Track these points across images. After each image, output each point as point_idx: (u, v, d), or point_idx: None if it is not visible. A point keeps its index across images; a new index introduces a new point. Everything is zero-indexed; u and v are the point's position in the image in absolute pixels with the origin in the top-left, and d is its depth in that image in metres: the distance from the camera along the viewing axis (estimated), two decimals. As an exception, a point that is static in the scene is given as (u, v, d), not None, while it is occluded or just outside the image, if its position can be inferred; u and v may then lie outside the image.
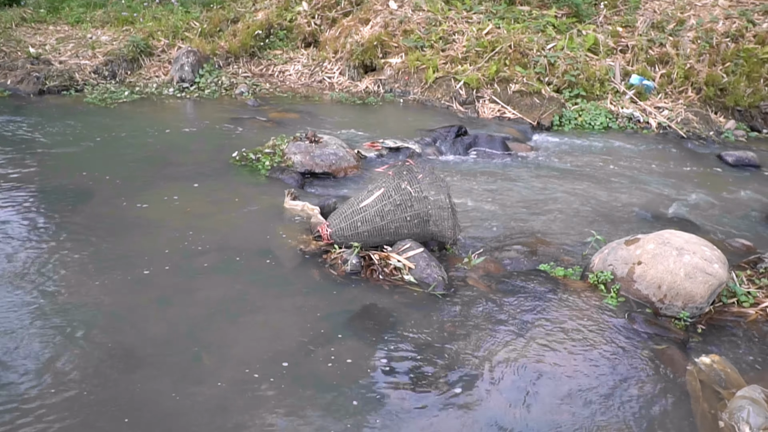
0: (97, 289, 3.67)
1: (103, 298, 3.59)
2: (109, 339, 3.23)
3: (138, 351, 3.17)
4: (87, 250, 4.11)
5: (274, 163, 5.99)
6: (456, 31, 9.25)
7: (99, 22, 11.43)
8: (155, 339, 3.26)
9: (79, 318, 3.38)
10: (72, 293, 3.62)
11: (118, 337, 3.25)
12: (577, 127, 7.88)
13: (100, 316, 3.41)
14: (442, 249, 4.46)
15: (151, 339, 3.26)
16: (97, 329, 3.30)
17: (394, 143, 6.93)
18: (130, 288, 3.70)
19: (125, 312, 3.47)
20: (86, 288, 3.68)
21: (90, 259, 4.00)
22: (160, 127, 7.12)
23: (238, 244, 4.31)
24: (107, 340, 3.22)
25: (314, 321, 3.50)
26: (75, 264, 3.94)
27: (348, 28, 10.30)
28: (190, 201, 5.03)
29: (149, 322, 3.40)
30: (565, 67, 8.31)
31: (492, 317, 3.62)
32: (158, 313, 3.49)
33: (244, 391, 2.92)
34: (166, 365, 3.06)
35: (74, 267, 3.90)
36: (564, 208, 5.42)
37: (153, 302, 3.58)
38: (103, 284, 3.73)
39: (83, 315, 3.41)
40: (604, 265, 4.01)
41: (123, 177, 5.45)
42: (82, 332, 3.27)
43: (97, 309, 3.49)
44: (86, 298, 3.57)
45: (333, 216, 4.30)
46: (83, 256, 4.04)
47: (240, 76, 10.03)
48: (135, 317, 3.43)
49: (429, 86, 8.81)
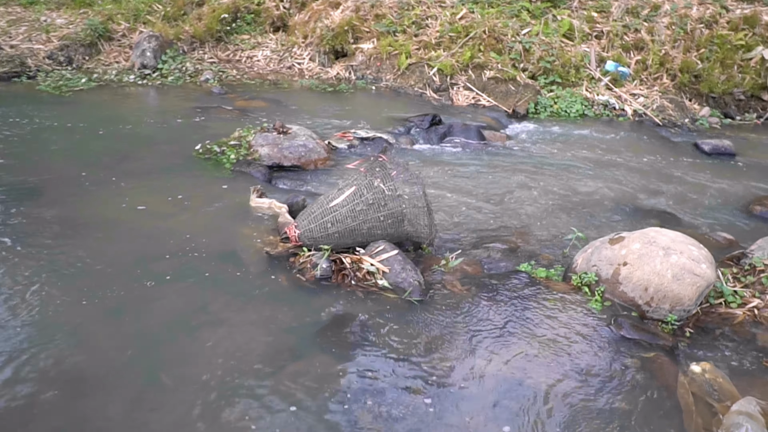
0: (41, 302, 3.35)
1: (48, 312, 3.27)
2: (54, 360, 2.93)
3: (88, 373, 2.88)
4: (31, 257, 3.78)
5: (240, 156, 5.68)
6: (429, 16, 8.98)
7: (54, 4, 10.87)
8: (107, 358, 2.97)
9: (20, 337, 3.07)
10: (12, 307, 3.30)
11: (64, 358, 2.95)
12: (553, 115, 7.70)
13: (44, 334, 3.11)
14: (418, 249, 4.23)
15: (103, 358, 2.97)
16: (40, 349, 3.00)
17: (367, 133, 6.67)
18: (79, 300, 3.39)
19: (73, 328, 3.17)
20: (29, 301, 3.36)
21: (34, 268, 3.66)
22: (118, 118, 6.73)
23: (200, 246, 4.02)
24: (52, 362, 2.92)
25: (281, 334, 3.24)
26: (16, 273, 3.60)
27: (318, 12, 9.95)
28: (148, 199, 4.70)
29: (100, 338, 3.11)
30: (540, 53, 8.10)
31: (471, 325, 3.40)
32: (111, 328, 3.19)
33: (203, 417, 2.66)
34: (120, 388, 2.78)
35: (15, 276, 3.57)
36: (542, 200, 5.24)
37: (105, 316, 3.28)
38: (49, 296, 3.41)
39: (25, 333, 3.10)
40: (587, 266, 3.83)
41: (75, 173, 5.09)
42: (23, 353, 2.96)
43: (41, 325, 3.18)
44: (28, 313, 3.26)
45: (301, 216, 4.03)
46: (26, 263, 3.71)
47: (206, 62, 9.63)
48: (84, 333, 3.14)
49: (402, 73, 8.54)
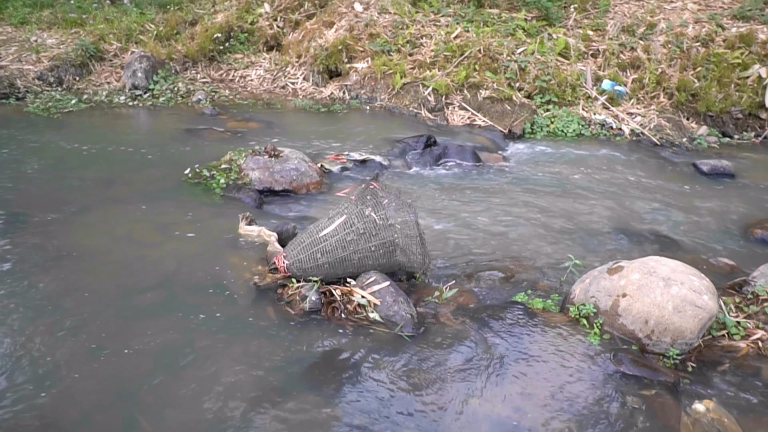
0: (16, 339, 3.21)
1: (23, 349, 3.14)
2: (26, 401, 2.79)
3: (62, 416, 2.74)
4: (8, 289, 3.64)
5: (230, 180, 5.57)
6: (424, 35, 8.91)
7: (45, 24, 10.78)
8: (84, 400, 2.83)
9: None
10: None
11: (38, 399, 2.81)
12: (550, 135, 7.61)
13: (17, 372, 2.97)
14: (411, 279, 4.11)
15: (79, 401, 2.83)
16: (12, 389, 2.86)
17: (360, 155, 6.56)
18: (57, 336, 3.25)
19: (49, 366, 3.03)
20: (2, 337, 3.22)
21: (11, 300, 3.53)
22: (106, 140, 6.62)
23: (186, 277, 3.89)
24: (24, 404, 2.78)
25: (267, 372, 3.11)
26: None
27: (312, 32, 9.88)
28: (133, 227, 4.58)
29: (77, 379, 2.96)
30: (536, 72, 8.03)
31: (465, 362, 3.27)
32: (89, 367, 3.05)
33: (183, 466, 2.53)
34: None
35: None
36: (538, 225, 5.12)
37: (83, 353, 3.14)
38: (24, 332, 3.27)
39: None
40: (585, 297, 3.70)
41: (61, 199, 4.97)
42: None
43: (15, 363, 3.04)
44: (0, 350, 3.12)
45: (291, 245, 3.90)
46: (3, 296, 3.57)
47: (198, 82, 9.54)
48: (60, 373, 2.99)
49: (396, 92, 8.46)
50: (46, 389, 2.89)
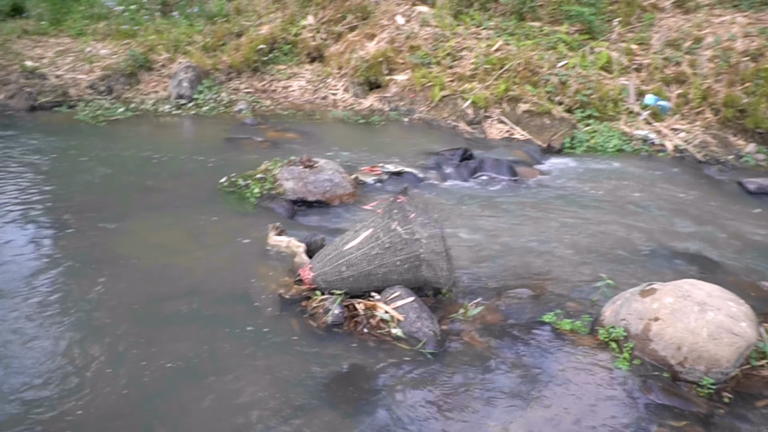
0: (43, 340, 3.30)
1: (49, 352, 3.22)
2: (48, 403, 2.86)
3: (81, 419, 2.79)
4: (45, 291, 3.75)
5: (264, 189, 5.62)
6: (464, 48, 8.87)
7: (100, 35, 11.17)
8: (103, 406, 2.88)
9: (17, 374, 3.01)
10: (12, 342, 3.25)
11: (60, 402, 2.88)
12: (589, 150, 7.45)
13: (42, 374, 3.05)
14: (437, 294, 4.05)
15: (99, 405, 2.88)
16: (36, 389, 2.93)
17: (395, 167, 6.55)
18: (82, 342, 3.32)
19: (72, 370, 3.10)
20: (33, 337, 3.31)
21: (45, 303, 3.63)
22: (148, 148, 6.79)
23: (214, 286, 3.94)
24: (46, 406, 2.84)
25: (287, 386, 3.11)
26: (23, 308, 3.57)
27: (353, 44, 9.96)
28: (167, 234, 4.67)
29: (99, 385, 3.02)
30: (576, 86, 7.89)
31: (488, 383, 3.20)
32: (112, 372, 3.11)
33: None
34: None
35: (22, 311, 3.53)
36: (571, 242, 5.00)
37: (107, 360, 3.20)
38: (52, 335, 3.36)
39: (23, 370, 3.04)
40: (616, 319, 3.59)
41: (102, 205, 5.11)
42: (18, 392, 2.90)
43: (41, 364, 3.12)
44: (30, 350, 3.21)
45: (317, 257, 3.91)
46: (35, 298, 3.67)
47: (241, 92, 9.71)
48: (83, 377, 3.06)
49: (435, 105, 8.43)
50: (69, 390, 2.95)
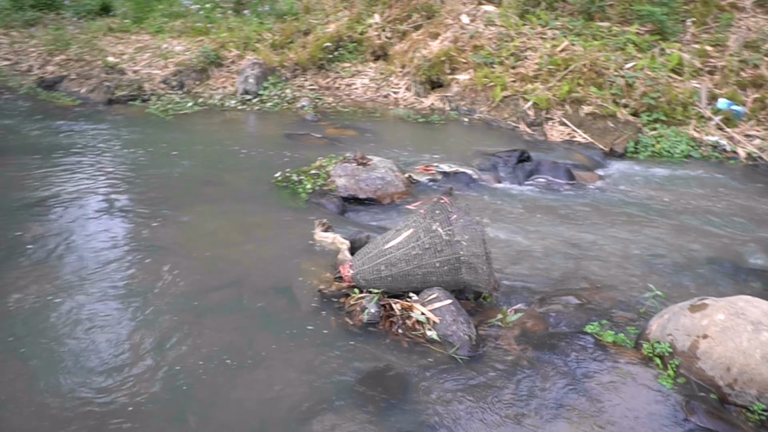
0: (89, 324, 3.47)
1: (93, 335, 3.38)
2: (85, 385, 3.01)
3: (116, 403, 2.91)
4: (94, 278, 3.95)
5: (317, 186, 5.71)
6: (528, 48, 8.69)
7: (177, 33, 11.63)
8: (139, 391, 3.00)
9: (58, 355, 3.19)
10: (56, 326, 3.43)
11: (95, 383, 3.02)
12: (654, 155, 7.14)
13: (83, 355, 3.21)
14: (478, 298, 4.00)
15: (134, 390, 2.99)
16: (74, 369, 3.09)
17: (450, 167, 6.50)
18: (129, 327, 3.48)
19: (112, 353, 3.25)
20: (80, 321, 3.49)
21: (97, 289, 3.82)
22: (212, 142, 7.03)
23: (257, 279, 4.04)
24: (82, 387, 2.99)
25: (318, 381, 3.14)
26: (74, 293, 3.76)
27: (417, 42, 9.94)
28: (220, 226, 4.82)
29: (139, 369, 3.15)
30: (644, 89, 7.57)
31: (519, 393, 3.13)
32: (151, 358, 3.24)
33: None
34: (144, 424, 2.79)
35: (72, 295, 3.72)
36: (626, 251, 4.81)
37: (149, 346, 3.33)
38: (98, 319, 3.52)
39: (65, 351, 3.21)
40: (662, 334, 3.43)
41: (162, 196, 5.32)
42: (55, 372, 3.07)
43: (84, 345, 3.28)
44: (73, 333, 3.38)
45: (357, 255, 3.94)
46: (88, 284, 3.87)
47: (306, 89, 9.88)
48: (122, 361, 3.19)
49: (496, 105, 8.30)
50: (106, 373, 3.09)
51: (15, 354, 3.20)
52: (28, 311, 3.54)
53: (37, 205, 4.95)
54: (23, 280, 3.86)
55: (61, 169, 5.79)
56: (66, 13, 12.46)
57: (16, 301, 3.63)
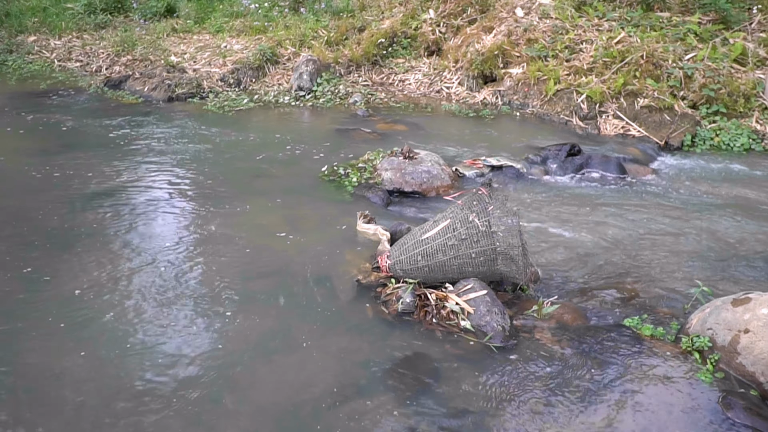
0: (138, 304, 3.68)
1: (143, 319, 3.58)
2: (135, 365, 3.20)
3: (159, 384, 3.08)
4: (152, 263, 4.17)
5: (362, 179, 5.81)
6: (584, 40, 8.51)
7: (236, 32, 11.99)
8: (180, 372, 3.16)
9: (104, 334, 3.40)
10: (111, 306, 3.65)
11: (145, 364, 3.21)
12: (712, 148, 6.88)
13: (130, 336, 3.40)
14: (515, 290, 4.00)
15: (177, 371, 3.16)
16: (127, 352, 3.29)
17: (497, 161, 6.47)
18: (175, 311, 3.66)
19: (158, 332, 3.44)
20: (132, 307, 3.70)
21: (151, 273, 4.04)
22: (263, 136, 7.25)
23: (299, 268, 4.17)
24: (134, 368, 3.18)
25: (352, 367, 3.23)
26: (133, 276, 3.99)
27: (471, 37, 9.90)
28: (268, 217, 4.99)
29: (182, 350, 3.32)
30: (703, 80, 7.29)
31: (552, 384, 3.13)
32: (194, 341, 3.40)
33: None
34: (184, 404, 2.95)
35: (131, 278, 3.96)
36: (674, 246, 4.69)
37: (193, 329, 3.51)
38: (150, 303, 3.72)
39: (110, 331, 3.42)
40: (702, 328, 3.34)
41: (215, 189, 5.54)
42: (100, 349, 3.27)
43: (132, 326, 3.48)
44: (127, 317, 3.59)
45: (395, 246, 4.01)
46: (143, 270, 4.09)
47: (359, 85, 10.00)
48: (167, 342, 3.37)
49: (549, 99, 8.19)
50: (151, 357, 3.27)
51: (71, 334, 3.44)
52: (86, 295, 3.79)
53: (99, 196, 5.26)
54: (82, 265, 4.13)
55: (122, 163, 6.12)
56: (134, 15, 13.05)
57: (75, 285, 3.89)
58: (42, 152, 6.34)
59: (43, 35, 11.80)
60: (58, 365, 3.17)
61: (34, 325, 3.48)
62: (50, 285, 3.88)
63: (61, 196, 5.25)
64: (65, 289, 3.83)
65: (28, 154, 6.27)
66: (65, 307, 3.65)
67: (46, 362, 3.19)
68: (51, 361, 3.20)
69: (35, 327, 3.47)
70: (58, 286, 3.87)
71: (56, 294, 3.78)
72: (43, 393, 2.98)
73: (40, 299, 3.73)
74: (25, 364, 3.19)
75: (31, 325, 3.49)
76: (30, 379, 3.07)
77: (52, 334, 3.42)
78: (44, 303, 3.69)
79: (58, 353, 3.26)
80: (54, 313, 3.59)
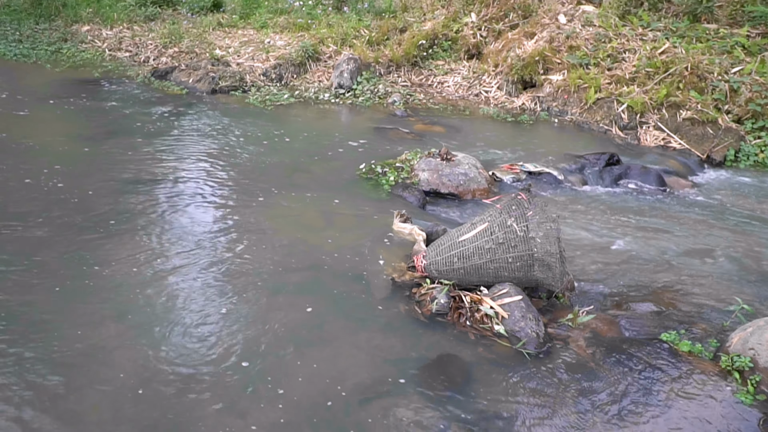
0: (178, 298, 3.76)
1: (180, 307, 3.66)
2: (174, 349, 3.28)
3: (195, 369, 3.15)
4: (190, 253, 4.26)
5: (399, 178, 5.84)
6: (627, 49, 8.41)
7: (279, 28, 12.14)
8: (215, 360, 3.22)
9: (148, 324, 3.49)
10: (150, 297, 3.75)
11: (183, 351, 3.28)
12: (757, 165, 6.74)
13: (175, 327, 3.48)
14: (551, 297, 3.98)
15: (213, 359, 3.22)
16: (166, 339, 3.37)
17: (535, 167, 6.44)
18: (212, 302, 3.74)
19: (197, 321, 3.52)
20: (170, 295, 3.79)
21: (189, 263, 4.12)
22: (303, 132, 7.33)
23: (334, 264, 4.21)
24: (173, 354, 3.26)
25: (383, 364, 3.27)
26: (176, 264, 4.09)
27: (512, 41, 9.86)
28: (305, 212, 5.04)
29: (218, 340, 3.39)
30: (750, 95, 7.14)
31: (583, 393, 3.11)
32: (230, 332, 3.47)
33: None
34: (219, 391, 3.01)
35: (168, 268, 4.05)
36: (712, 261, 4.61)
37: (229, 320, 3.57)
38: (187, 293, 3.81)
39: (154, 318, 3.51)
40: (743, 348, 3.29)
41: (253, 183, 5.62)
42: (138, 337, 3.36)
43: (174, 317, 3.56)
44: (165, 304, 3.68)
45: (432, 246, 4.03)
46: (186, 260, 4.19)
47: (398, 85, 10.04)
48: (205, 335, 3.44)
49: (588, 107, 8.11)
50: (188, 344, 3.35)
51: (113, 315, 3.54)
52: (127, 279, 3.89)
53: (142, 182, 5.39)
54: (125, 249, 4.24)
55: (165, 151, 6.25)
56: (182, 9, 13.32)
57: (118, 268, 4.00)
58: (90, 138, 6.51)
59: (96, 25, 12.12)
60: (100, 344, 3.27)
61: (78, 307, 3.59)
62: (94, 267, 3.99)
63: (107, 180, 5.39)
64: (108, 272, 3.94)
65: (77, 139, 6.45)
66: (108, 290, 3.76)
67: (90, 340, 3.29)
68: (94, 340, 3.30)
69: (79, 309, 3.58)
70: (101, 268, 3.98)
71: (99, 276, 3.89)
72: (87, 369, 3.08)
73: (83, 280, 3.84)
74: (69, 340, 3.29)
75: (74, 307, 3.60)
76: (75, 355, 3.18)
77: (94, 313, 3.52)
78: (88, 285, 3.80)
79: (100, 333, 3.36)
80: (98, 295, 3.70)
